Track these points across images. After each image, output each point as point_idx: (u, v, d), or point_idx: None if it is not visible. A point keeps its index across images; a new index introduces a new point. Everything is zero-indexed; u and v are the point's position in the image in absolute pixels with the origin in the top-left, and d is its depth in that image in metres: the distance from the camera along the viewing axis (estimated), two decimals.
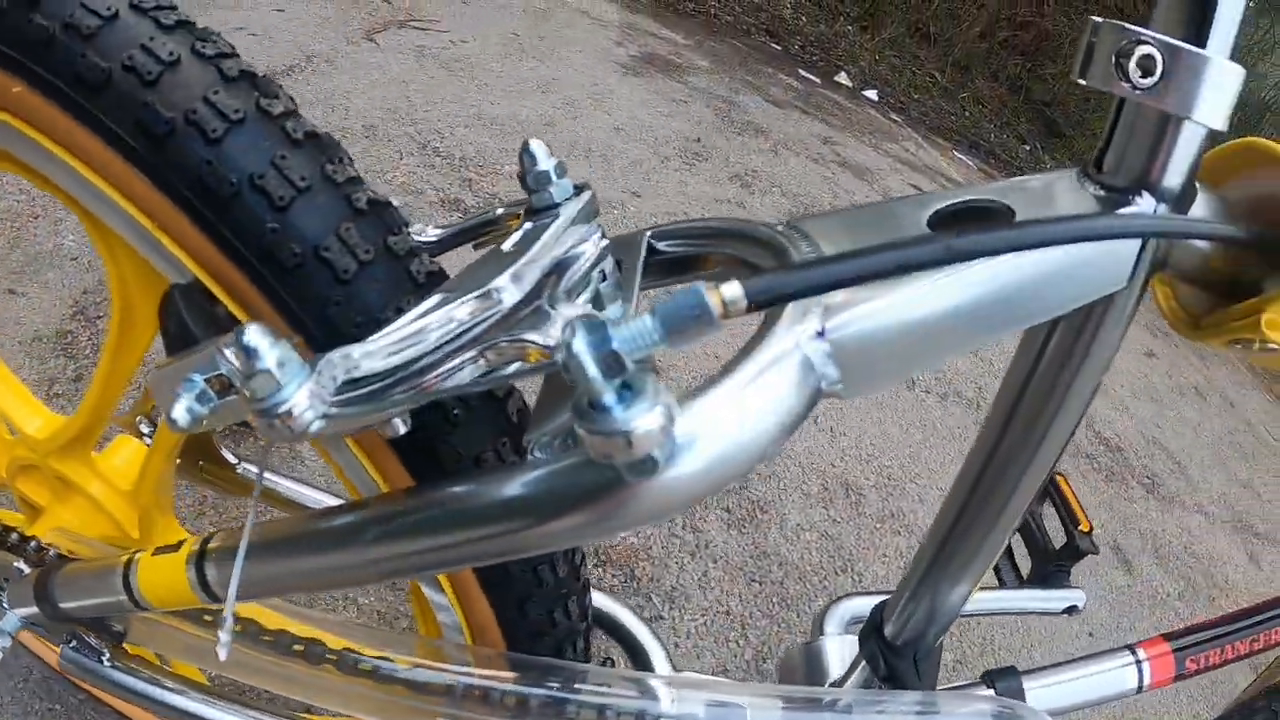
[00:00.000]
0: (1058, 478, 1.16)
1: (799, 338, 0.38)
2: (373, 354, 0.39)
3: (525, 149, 0.45)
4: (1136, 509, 2.88)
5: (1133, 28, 0.42)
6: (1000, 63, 6.64)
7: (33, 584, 0.72)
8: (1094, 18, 0.44)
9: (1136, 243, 0.46)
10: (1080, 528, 1.11)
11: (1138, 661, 0.89)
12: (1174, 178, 0.45)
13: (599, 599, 0.90)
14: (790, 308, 0.38)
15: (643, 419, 0.29)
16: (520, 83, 3.38)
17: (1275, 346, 0.45)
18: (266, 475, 1.08)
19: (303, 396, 0.36)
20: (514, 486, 0.39)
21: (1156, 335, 4.04)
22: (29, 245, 1.75)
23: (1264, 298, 0.46)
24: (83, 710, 1.17)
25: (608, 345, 0.28)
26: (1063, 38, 6.43)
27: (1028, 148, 6.10)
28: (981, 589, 1.08)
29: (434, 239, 0.58)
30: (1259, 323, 0.44)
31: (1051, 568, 1.12)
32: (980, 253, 0.35)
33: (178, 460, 0.96)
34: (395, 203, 0.57)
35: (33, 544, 0.77)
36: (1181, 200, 0.46)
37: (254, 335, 0.36)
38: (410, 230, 0.57)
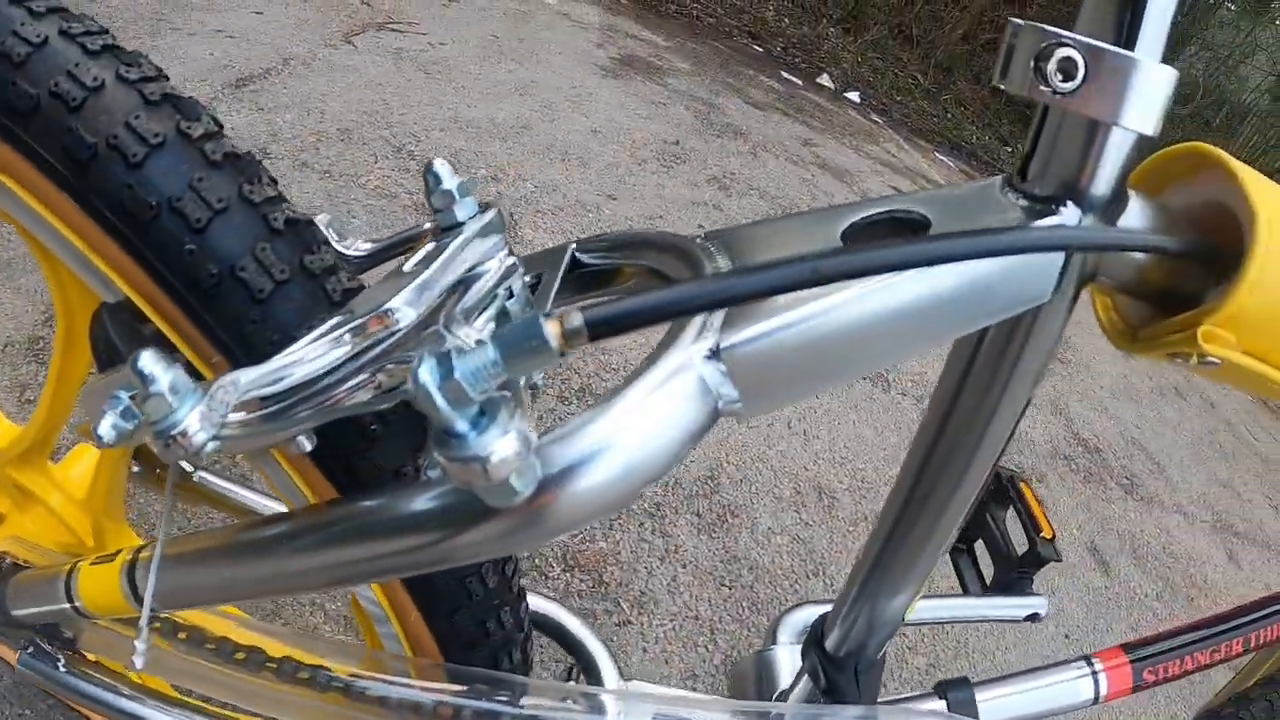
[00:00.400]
0: (1021, 484, 1.16)
1: (693, 356, 0.37)
2: (268, 376, 0.39)
3: (429, 169, 0.45)
4: (1115, 510, 2.89)
5: (1053, 29, 0.40)
6: (983, 64, 6.66)
7: None
8: (1013, 19, 0.42)
9: (1060, 255, 0.44)
10: (1043, 534, 1.11)
11: (1094, 672, 0.88)
12: (1101, 186, 0.44)
13: (549, 608, 0.90)
14: (689, 325, 0.38)
15: (495, 446, 0.29)
16: (498, 85, 3.38)
17: (1215, 360, 0.43)
18: (225, 484, 1.08)
19: (194, 419, 0.37)
20: (414, 503, 0.39)
21: None
22: (0, 251, 1.75)
23: (1201, 310, 0.44)
24: (51, 716, 1.16)
25: (450, 376, 0.28)
26: None
27: (1009, 149, 6.12)
28: (944, 596, 1.08)
29: (364, 253, 0.58)
30: (1195, 336, 0.43)
31: (1014, 574, 1.12)
32: (852, 274, 0.34)
33: (135, 468, 0.97)
34: (342, 215, 0.57)
35: None
36: (1110, 210, 0.45)
37: (147, 361, 0.37)
38: (339, 244, 0.57)
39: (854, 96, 5.67)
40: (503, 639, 0.67)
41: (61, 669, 0.82)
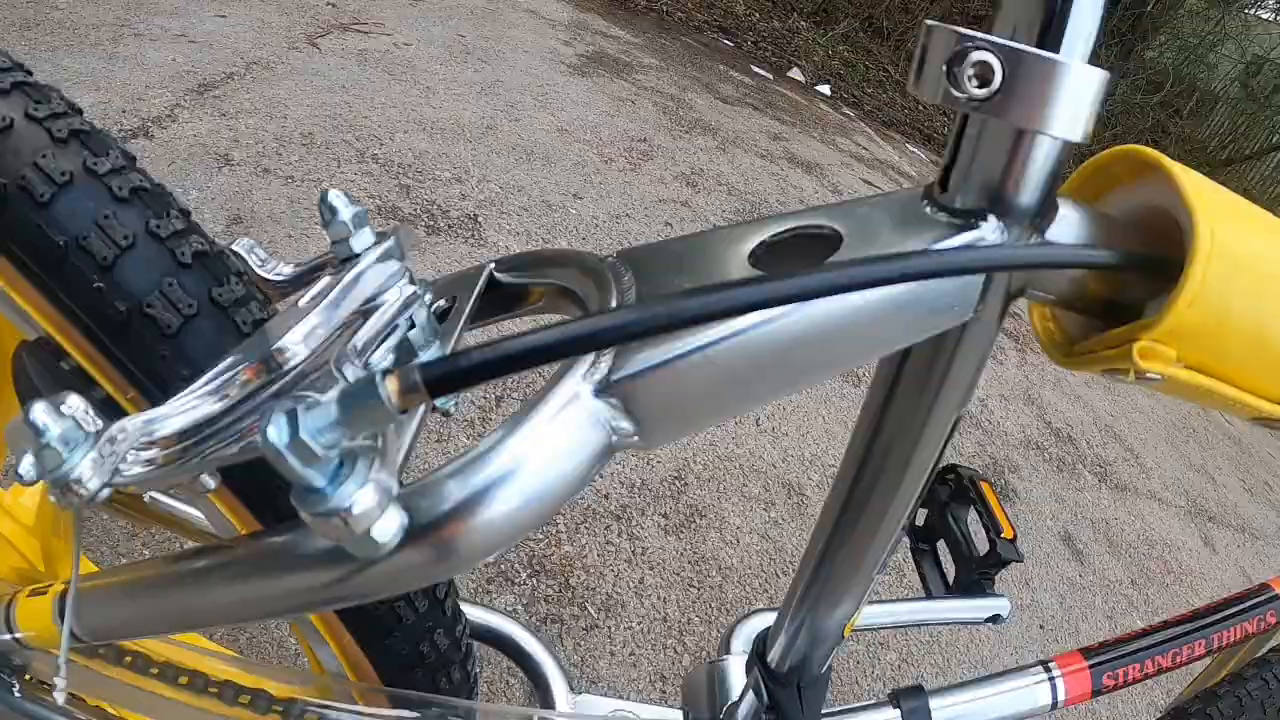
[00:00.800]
0: (981, 483, 1.16)
1: (582, 391, 0.36)
2: (158, 422, 0.39)
3: (324, 200, 0.44)
4: (1088, 498, 2.91)
5: (967, 31, 0.36)
6: None
7: None
8: (928, 21, 0.39)
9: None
10: (1003, 534, 1.10)
11: (1051, 678, 0.87)
12: (1027, 198, 0.40)
13: (497, 621, 0.89)
14: (582, 359, 0.37)
15: (353, 500, 0.28)
16: (464, 85, 3.36)
17: (1155, 376, 0.40)
18: (176, 504, 1.07)
19: (86, 466, 0.37)
20: (317, 540, 0.38)
21: None
22: None
23: (1138, 324, 0.40)
24: None
25: (295, 434, 0.27)
26: None
27: None
28: (904, 600, 1.08)
29: (286, 276, 0.57)
30: (1131, 352, 0.39)
31: (975, 576, 1.11)
32: (712, 315, 0.32)
33: None
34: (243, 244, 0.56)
35: None
36: (1037, 222, 0.41)
37: (38, 413, 0.37)
38: (261, 269, 0.57)
39: (825, 90, 5.68)
40: (439, 660, 0.67)
41: (17, 694, 0.81)
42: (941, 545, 1.14)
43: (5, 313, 0.56)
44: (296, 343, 0.40)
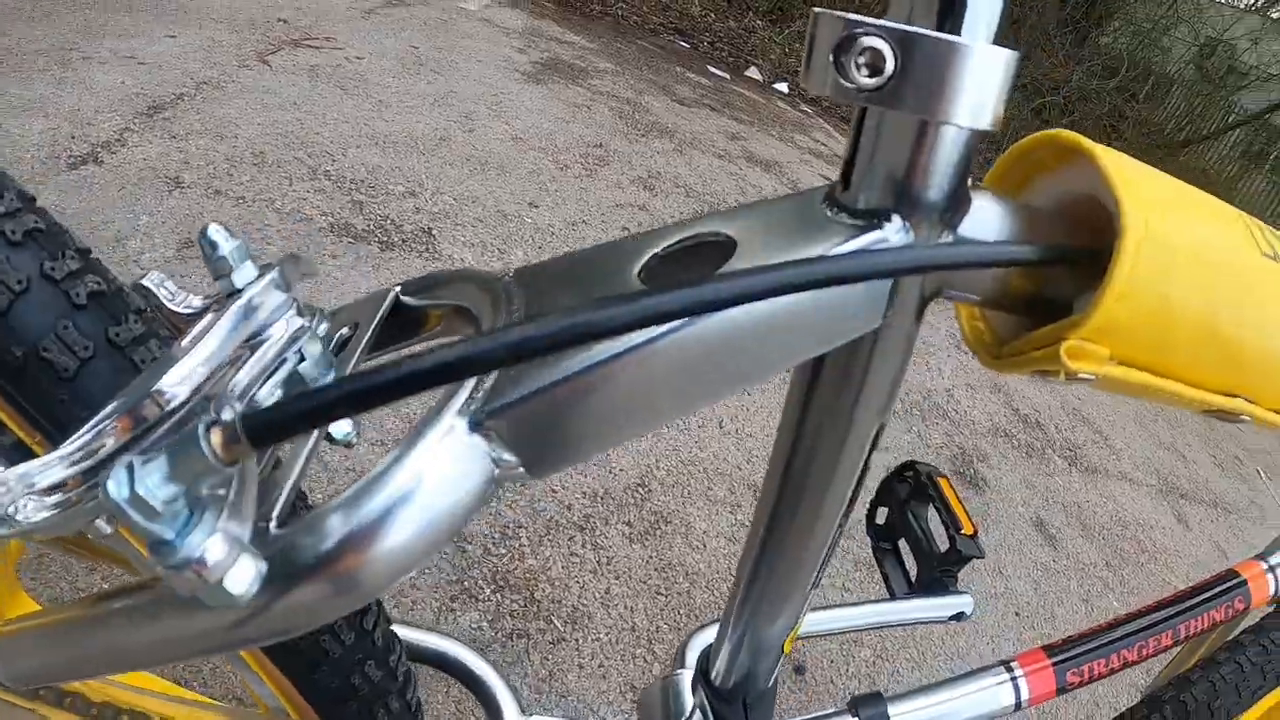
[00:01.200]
0: (939, 480, 1.15)
1: (458, 424, 0.34)
2: (41, 471, 0.38)
3: (203, 235, 0.43)
4: (1059, 482, 2.93)
5: (854, 17, 0.33)
6: None
7: None
8: (815, 9, 0.36)
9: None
10: (963, 531, 1.09)
11: (1014, 678, 0.85)
12: (933, 193, 0.37)
13: (442, 644, 0.88)
14: (463, 387, 0.36)
15: (201, 552, 0.27)
16: (417, 97, 3.35)
17: (1088, 376, 0.37)
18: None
19: None
20: None
21: None
22: None
23: (1065, 322, 0.38)
24: None
25: (130, 490, 0.26)
26: None
27: None
28: (865, 602, 1.07)
29: (196, 309, 0.56)
30: (1059, 352, 0.37)
31: (937, 573, 1.11)
32: (575, 339, 0.29)
33: None
34: (157, 278, 0.55)
35: None
36: (947, 218, 0.38)
37: None
38: (171, 303, 0.55)
39: (782, 87, 5.69)
40: (373, 692, 0.66)
41: None
42: (904, 544, 1.13)
43: None
44: (175, 385, 0.38)
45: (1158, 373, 0.39)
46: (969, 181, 0.39)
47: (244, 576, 0.29)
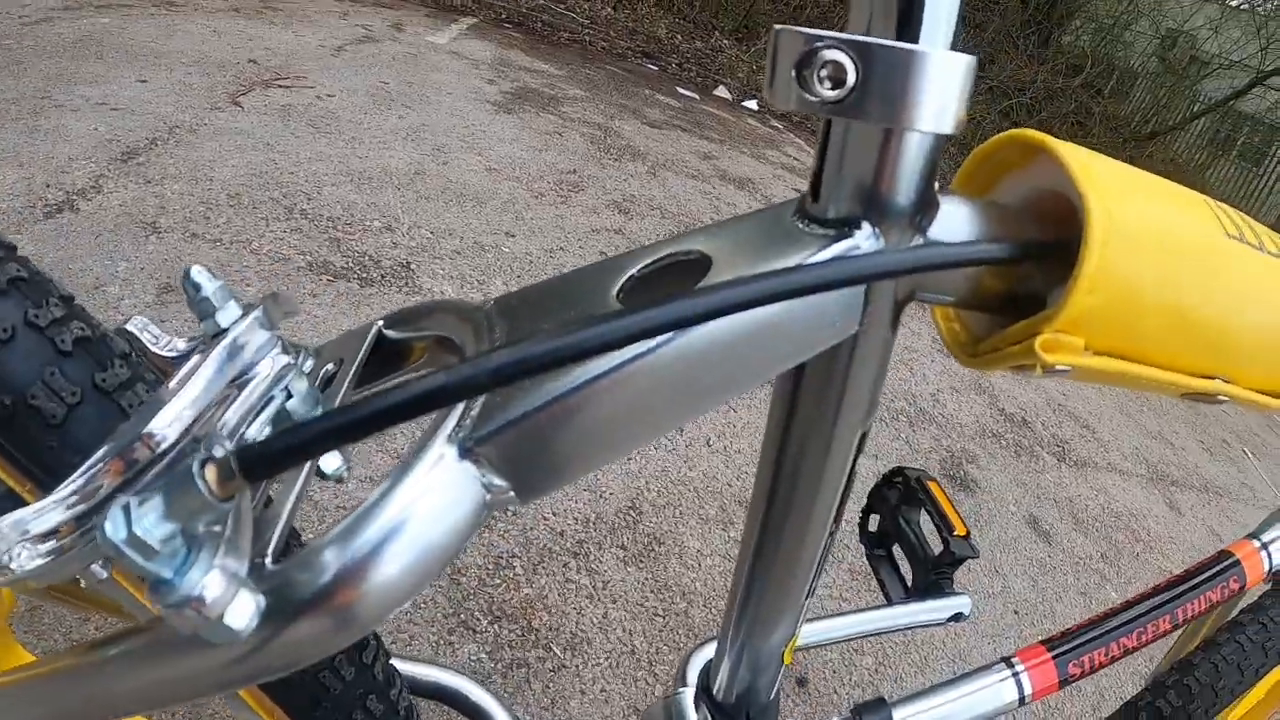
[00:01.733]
0: (929, 483, 1.15)
1: (447, 452, 0.34)
2: (41, 513, 0.38)
3: (187, 277, 0.43)
4: (1049, 478, 2.94)
5: (813, 31, 0.34)
6: None
7: None
8: (776, 25, 0.36)
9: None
10: (956, 533, 1.10)
11: (1015, 673, 0.85)
12: (901, 199, 0.38)
13: (445, 677, 0.88)
14: (450, 415, 0.36)
15: (200, 589, 0.27)
16: (389, 133, 3.35)
17: (1065, 368, 0.38)
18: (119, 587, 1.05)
19: None
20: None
21: None
22: None
23: (1039, 316, 0.38)
24: None
25: (127, 530, 0.26)
26: None
27: None
28: (863, 610, 1.07)
29: (180, 352, 0.56)
30: (1034, 346, 0.38)
31: (932, 577, 1.11)
32: (550, 364, 0.30)
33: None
34: (140, 323, 0.55)
35: None
36: (917, 222, 0.39)
37: None
38: (155, 346, 0.56)
39: (752, 105, 5.73)
40: None
41: None
42: (898, 549, 1.13)
43: None
44: (165, 426, 0.39)
45: (1133, 359, 0.40)
46: (936, 185, 0.40)
47: (244, 611, 0.30)
